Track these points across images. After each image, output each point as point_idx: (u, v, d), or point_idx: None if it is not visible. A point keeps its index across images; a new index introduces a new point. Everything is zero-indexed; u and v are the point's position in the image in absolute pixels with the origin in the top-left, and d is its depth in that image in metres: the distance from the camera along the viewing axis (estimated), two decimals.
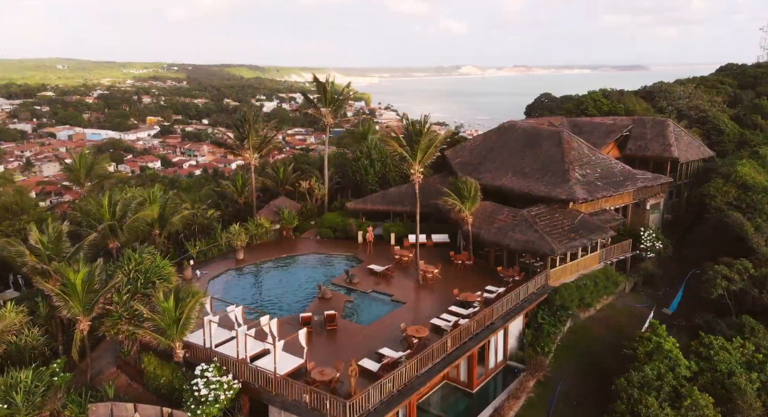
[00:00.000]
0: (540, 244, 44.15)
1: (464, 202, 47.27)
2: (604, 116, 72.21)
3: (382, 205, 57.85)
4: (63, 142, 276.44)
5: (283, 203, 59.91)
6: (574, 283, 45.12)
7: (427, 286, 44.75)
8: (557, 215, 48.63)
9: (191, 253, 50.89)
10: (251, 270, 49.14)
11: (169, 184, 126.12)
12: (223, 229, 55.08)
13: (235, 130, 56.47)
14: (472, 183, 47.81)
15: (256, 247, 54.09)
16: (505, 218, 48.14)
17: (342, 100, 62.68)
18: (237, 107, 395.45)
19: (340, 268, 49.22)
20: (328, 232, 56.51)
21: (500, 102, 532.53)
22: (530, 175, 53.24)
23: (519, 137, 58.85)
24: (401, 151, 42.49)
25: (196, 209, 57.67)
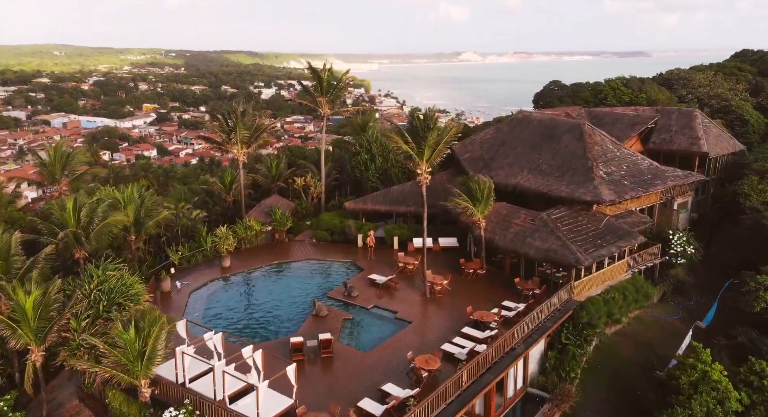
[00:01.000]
0: (563, 253, 38.99)
1: (476, 205, 42.09)
2: (626, 106, 66.79)
3: (384, 205, 52.64)
4: (57, 130, 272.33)
5: (275, 202, 54.68)
6: (602, 296, 40.01)
7: (436, 300, 39.64)
8: (580, 219, 43.47)
9: (172, 260, 45.78)
10: (238, 280, 44.03)
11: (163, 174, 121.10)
12: (209, 231, 50.01)
13: (222, 123, 50.96)
14: (486, 182, 42.59)
15: (245, 252, 48.98)
16: (523, 222, 42.97)
17: (340, 89, 57.28)
18: (235, 94, 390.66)
19: (338, 278, 44.14)
20: (325, 234, 51.36)
21: (502, 89, 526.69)
22: (548, 172, 47.99)
23: (534, 130, 53.52)
24: (406, 149, 37.24)
25: (179, 209, 52.51)
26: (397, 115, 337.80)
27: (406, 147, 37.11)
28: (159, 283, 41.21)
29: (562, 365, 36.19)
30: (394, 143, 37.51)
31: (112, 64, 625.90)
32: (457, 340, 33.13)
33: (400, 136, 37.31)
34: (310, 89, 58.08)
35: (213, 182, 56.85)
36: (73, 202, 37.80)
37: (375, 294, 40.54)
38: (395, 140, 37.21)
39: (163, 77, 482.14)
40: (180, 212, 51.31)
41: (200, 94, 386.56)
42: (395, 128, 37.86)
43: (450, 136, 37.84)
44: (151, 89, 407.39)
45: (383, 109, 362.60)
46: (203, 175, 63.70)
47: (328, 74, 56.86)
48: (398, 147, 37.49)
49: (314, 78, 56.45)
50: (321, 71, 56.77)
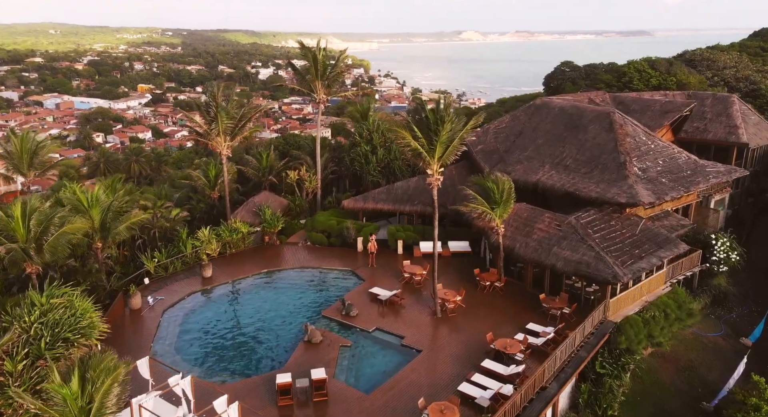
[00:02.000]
0: (598, 266, 33.33)
1: (494, 208, 36.38)
2: (653, 91, 60.78)
3: (387, 203, 46.87)
4: (50, 111, 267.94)
5: (265, 199, 48.90)
6: (640, 316, 34.43)
7: (448, 321, 34.04)
8: (614, 223, 37.80)
9: (147, 268, 40.20)
10: (221, 293, 38.42)
11: (155, 158, 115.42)
12: (191, 233, 44.39)
13: (203, 112, 44.81)
14: (505, 182, 36.81)
15: (230, 258, 43.35)
16: (547, 227, 37.29)
17: (337, 72, 51.19)
18: (232, 74, 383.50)
19: (335, 291, 38.63)
20: (321, 237, 45.68)
21: (503, 69, 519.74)
22: (574, 168, 42.23)
23: (556, 119, 47.63)
24: (415, 146, 31.40)
25: (156, 208, 46.78)
26: (397, 96, 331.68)
27: (415, 144, 31.27)
28: (127, 300, 35.63)
29: (598, 400, 30.72)
30: (400, 139, 31.60)
31: (108, 43, 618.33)
32: (477, 378, 27.56)
33: (408, 130, 31.43)
34: (302, 71, 52.02)
35: (196, 176, 50.83)
36: (22, 209, 32.01)
37: (377, 312, 34.96)
38: (402, 135, 31.34)
39: (159, 57, 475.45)
40: (157, 211, 45.54)
41: (196, 74, 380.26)
42: (402, 121, 31.93)
43: (467, 131, 32.00)
44: (147, 69, 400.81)
45: (383, 90, 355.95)
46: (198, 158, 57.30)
47: (323, 54, 50.79)
48: (405, 143, 31.61)
49: (308, 59, 50.36)
50: (315, 50, 50.64)
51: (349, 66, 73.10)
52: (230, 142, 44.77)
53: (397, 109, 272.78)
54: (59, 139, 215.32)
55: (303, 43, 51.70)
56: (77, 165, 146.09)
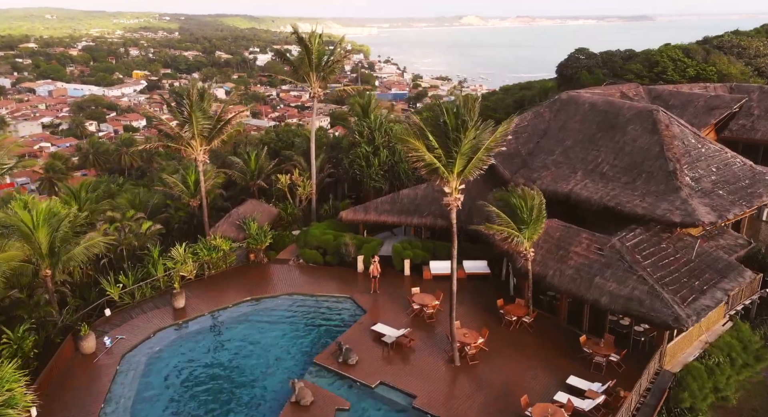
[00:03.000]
0: (654, 305, 27.09)
1: (522, 229, 30.06)
2: (692, 83, 54.24)
3: (391, 214, 40.55)
4: (42, 99, 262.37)
5: (251, 210, 42.48)
6: (703, 363, 28.29)
7: (469, 372, 27.81)
8: (664, 246, 31.52)
9: (111, 295, 34.03)
10: (195, 330, 32.15)
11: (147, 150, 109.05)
12: (165, 250, 38.19)
13: (174, 111, 38.10)
14: (535, 197, 30.39)
15: (209, 281, 37.14)
16: (586, 251, 31.01)
17: (334, 62, 44.66)
18: (229, 60, 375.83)
19: (331, 325, 32.47)
20: (315, 255, 39.39)
21: (505, 55, 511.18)
22: (612, 177, 35.88)
23: (587, 116, 41.22)
24: (431, 160, 25.03)
25: (125, 220, 40.50)
26: (397, 82, 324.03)
27: (430, 157, 24.89)
28: (78, 342, 29.43)
29: None
30: (412, 151, 25.15)
31: (104, 29, 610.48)
32: None
33: (422, 138, 25.00)
34: (295, 61, 45.48)
35: (173, 182, 44.30)
36: None
37: (381, 358, 28.76)
38: (415, 146, 24.91)
39: (156, 42, 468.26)
40: (125, 225, 39.24)
41: (193, 60, 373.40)
42: (414, 127, 25.44)
43: (495, 139, 25.60)
44: (142, 55, 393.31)
45: (383, 77, 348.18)
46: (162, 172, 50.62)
47: (318, 43, 44.25)
48: (418, 157, 25.19)
49: (301, 47, 43.84)
50: (310, 37, 44.11)
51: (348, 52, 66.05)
52: (207, 146, 38.20)
53: (397, 96, 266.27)
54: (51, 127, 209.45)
55: (297, 29, 45.07)
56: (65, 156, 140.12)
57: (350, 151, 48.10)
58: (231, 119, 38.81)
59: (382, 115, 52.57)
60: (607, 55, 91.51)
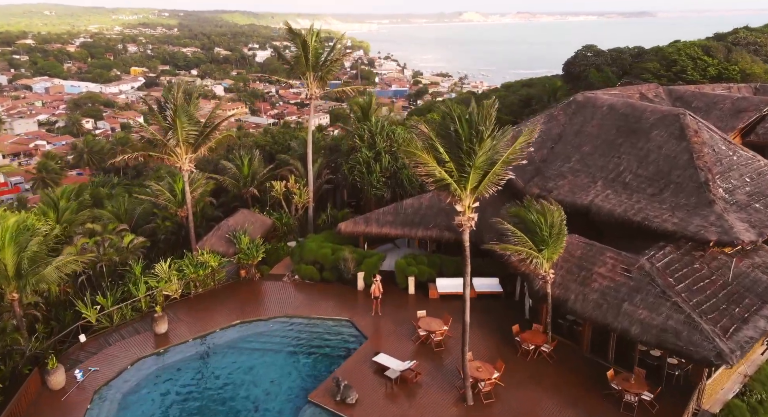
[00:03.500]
0: (692, 338, 23.97)
1: (542, 249, 26.95)
2: (714, 83, 51.04)
3: (394, 226, 37.42)
4: (39, 96, 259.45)
5: (242, 221, 39.26)
6: (744, 401, 25.26)
7: (483, 411, 24.69)
8: (698, 266, 28.41)
9: (87, 318, 30.98)
10: (177, 360, 28.99)
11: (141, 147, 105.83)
12: (150, 265, 35.12)
13: (156, 116, 34.70)
14: (555, 214, 27.27)
15: (195, 301, 34.04)
16: (611, 272, 27.91)
17: (333, 62, 41.51)
18: (228, 57, 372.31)
19: (328, 352, 29.41)
20: (311, 271, 36.28)
21: (506, 51, 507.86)
22: (636, 187, 32.74)
23: (606, 120, 38.06)
24: (441, 175, 21.89)
25: (106, 233, 37.42)
26: (397, 79, 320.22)
27: (440, 171, 21.76)
28: (45, 377, 26.34)
29: None
30: (420, 165, 21.99)
31: (103, 25, 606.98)
32: None
33: (432, 151, 21.86)
34: (291, 60, 42.31)
35: (159, 191, 41.08)
36: None
37: (384, 395, 25.64)
38: (423, 160, 21.76)
39: (155, 38, 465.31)
40: (105, 238, 36.14)
41: (192, 56, 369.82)
42: (423, 138, 22.23)
43: (514, 151, 22.47)
44: (141, 51, 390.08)
45: (383, 73, 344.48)
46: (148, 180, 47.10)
47: (316, 40, 41.10)
48: (427, 172, 22.04)
49: (296, 46, 40.69)
50: (306, 35, 40.96)
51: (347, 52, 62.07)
52: (193, 154, 34.97)
53: (398, 93, 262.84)
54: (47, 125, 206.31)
55: (290, 25, 41.88)
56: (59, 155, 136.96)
57: (350, 156, 44.98)
58: (219, 124, 35.42)
59: (384, 116, 49.47)
60: (616, 53, 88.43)
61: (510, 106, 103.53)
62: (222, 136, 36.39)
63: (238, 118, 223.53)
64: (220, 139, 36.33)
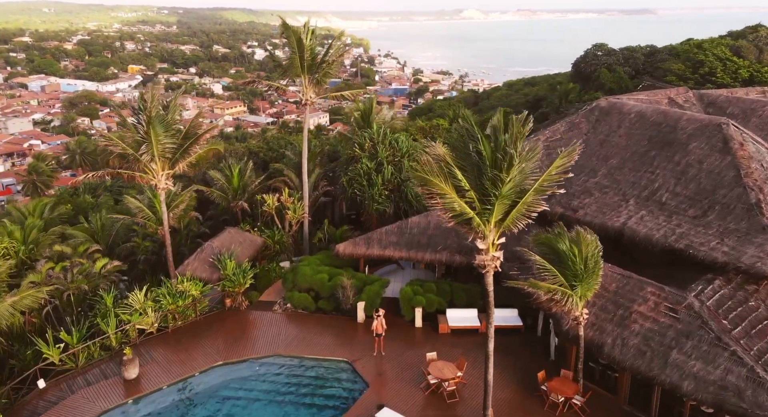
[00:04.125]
0: (760, 401, 19.96)
1: (575, 285, 22.91)
2: (747, 86, 46.99)
3: (398, 248, 33.36)
4: (35, 94, 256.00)
5: (229, 241, 35.11)
6: None
7: None
8: (752, 303, 24.39)
9: (50, 358, 27.01)
10: (148, 413, 24.98)
11: None
12: (126, 292, 31.17)
13: (129, 128, 30.27)
14: (590, 244, 23.20)
15: (174, 336, 30.03)
16: (654, 312, 23.91)
17: (330, 64, 37.42)
18: (227, 54, 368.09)
19: (323, 402, 25.37)
20: (305, 299, 32.24)
21: (506, 48, 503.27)
22: (675, 208, 28.72)
23: (634, 129, 34.06)
24: (462, 208, 17.85)
25: (77, 255, 33.42)
26: (397, 77, 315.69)
27: (461, 203, 17.74)
28: None
29: None
30: (437, 196, 17.94)
31: (101, 22, 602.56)
32: None
33: (447, 178, 17.81)
34: (283, 61, 38.24)
35: (137, 208, 36.96)
36: None
37: None
38: (440, 189, 17.72)
39: (153, 36, 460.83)
40: (76, 262, 32.13)
41: (190, 54, 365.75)
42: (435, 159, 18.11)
43: (549, 176, 18.46)
44: (139, 49, 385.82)
45: (383, 71, 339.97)
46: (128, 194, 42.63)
47: (311, 39, 37.07)
48: (446, 205, 18.00)
49: (290, 45, 36.63)
50: (301, 33, 36.93)
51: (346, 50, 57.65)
52: (169, 170, 30.77)
53: (398, 91, 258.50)
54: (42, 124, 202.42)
55: (285, 21, 37.81)
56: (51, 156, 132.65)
57: (349, 166, 40.96)
58: (199, 137, 31.05)
59: (386, 122, 45.48)
60: (628, 52, 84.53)
61: (515, 106, 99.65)
62: (206, 149, 32.07)
63: (237, 116, 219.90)
64: (202, 153, 31.98)
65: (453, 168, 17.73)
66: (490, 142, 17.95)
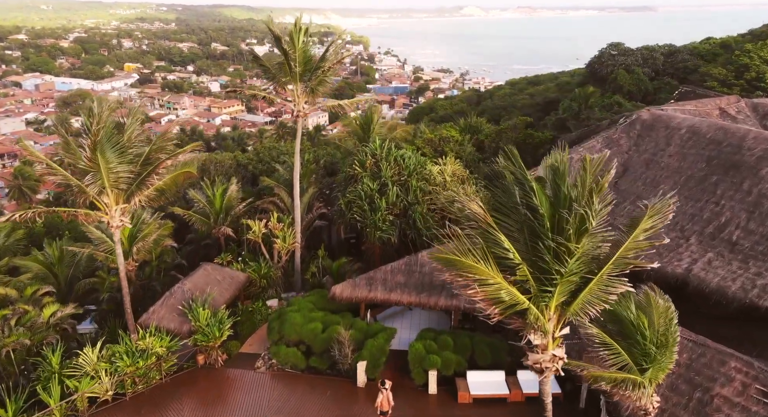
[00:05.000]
0: None
1: (644, 368, 17.31)
2: None
3: (406, 290, 27.82)
4: (29, 93, 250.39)
5: (204, 281, 29.51)
6: None
7: None
8: None
9: None
10: None
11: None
12: (70, 352, 25.63)
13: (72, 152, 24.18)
14: (666, 311, 17.57)
15: (132, 407, 24.44)
16: (741, 396, 18.41)
17: (325, 72, 31.69)
18: (225, 52, 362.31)
19: None
20: (294, 356, 26.62)
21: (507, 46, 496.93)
22: (752, 251, 23.19)
23: (686, 148, 28.57)
24: (513, 299, 12.30)
25: (24, 300, 27.87)
26: (398, 75, 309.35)
27: (511, 292, 12.19)
28: None
29: None
30: (472, 281, 12.43)
31: (100, 20, 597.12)
32: None
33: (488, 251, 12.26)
34: (273, 67, 32.58)
35: (99, 239, 31.15)
36: None
37: None
38: (479, 274, 12.17)
39: (151, 33, 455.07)
40: (18, 310, 26.59)
41: (188, 52, 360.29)
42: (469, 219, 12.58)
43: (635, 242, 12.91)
44: (136, 47, 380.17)
45: (383, 69, 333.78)
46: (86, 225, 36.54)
47: (303, 41, 31.44)
48: (486, 291, 12.45)
49: (278, 49, 31.02)
50: (293, 33, 31.30)
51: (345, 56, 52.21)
52: (124, 204, 24.97)
53: (398, 90, 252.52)
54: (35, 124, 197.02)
55: (271, 26, 32.11)
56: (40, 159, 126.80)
57: (348, 186, 35.40)
58: (158, 165, 25.01)
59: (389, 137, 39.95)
60: (647, 51, 78.88)
61: (522, 108, 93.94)
62: (174, 174, 26.19)
63: (234, 116, 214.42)
64: (170, 180, 26.08)
65: (497, 233, 12.15)
66: (548, 192, 12.40)
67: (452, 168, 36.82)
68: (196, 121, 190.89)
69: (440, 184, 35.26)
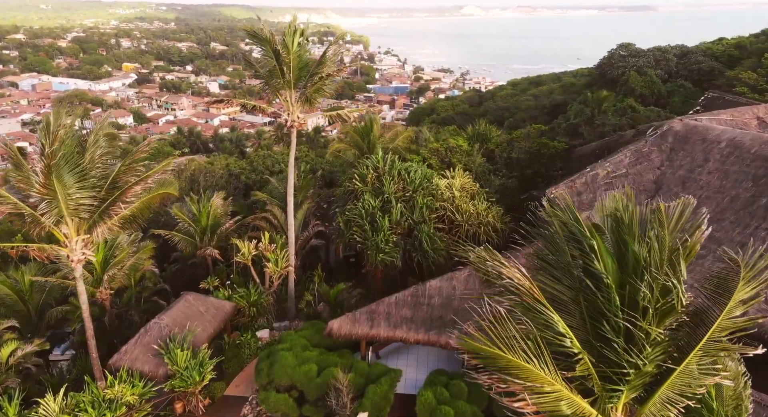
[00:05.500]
0: None
1: None
2: None
3: (412, 325, 24.55)
4: (25, 93, 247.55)
5: (184, 315, 26.16)
6: None
7: None
8: None
9: None
10: None
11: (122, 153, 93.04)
12: (28, 403, 22.35)
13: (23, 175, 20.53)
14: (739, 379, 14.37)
15: None
16: None
17: (322, 79, 28.27)
18: (224, 52, 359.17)
19: None
20: (285, 403, 23.29)
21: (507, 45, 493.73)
22: None
23: (729, 164, 25.30)
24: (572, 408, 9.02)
25: None
26: (398, 75, 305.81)
27: (574, 397, 8.91)
28: None
29: None
30: (524, 386, 9.18)
31: (99, 19, 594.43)
32: None
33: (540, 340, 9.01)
34: (265, 71, 29.26)
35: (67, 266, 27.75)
36: None
37: None
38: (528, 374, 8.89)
39: (150, 33, 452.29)
40: None
41: (187, 52, 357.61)
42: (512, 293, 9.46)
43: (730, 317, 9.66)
44: (134, 46, 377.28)
45: (383, 69, 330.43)
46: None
47: (299, 42, 28.12)
48: (541, 398, 9.19)
49: (268, 53, 27.71)
50: (286, 35, 28.01)
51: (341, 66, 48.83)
52: (86, 235, 21.49)
53: (399, 90, 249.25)
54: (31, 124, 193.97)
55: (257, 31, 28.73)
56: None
57: (347, 202, 32.12)
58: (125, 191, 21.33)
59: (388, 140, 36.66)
60: (659, 52, 75.62)
61: (527, 110, 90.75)
62: (148, 197, 22.57)
63: (233, 116, 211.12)
64: (142, 204, 22.41)
65: (549, 313, 8.85)
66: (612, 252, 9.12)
67: (461, 181, 33.62)
68: (195, 121, 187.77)
69: (448, 200, 32.08)
